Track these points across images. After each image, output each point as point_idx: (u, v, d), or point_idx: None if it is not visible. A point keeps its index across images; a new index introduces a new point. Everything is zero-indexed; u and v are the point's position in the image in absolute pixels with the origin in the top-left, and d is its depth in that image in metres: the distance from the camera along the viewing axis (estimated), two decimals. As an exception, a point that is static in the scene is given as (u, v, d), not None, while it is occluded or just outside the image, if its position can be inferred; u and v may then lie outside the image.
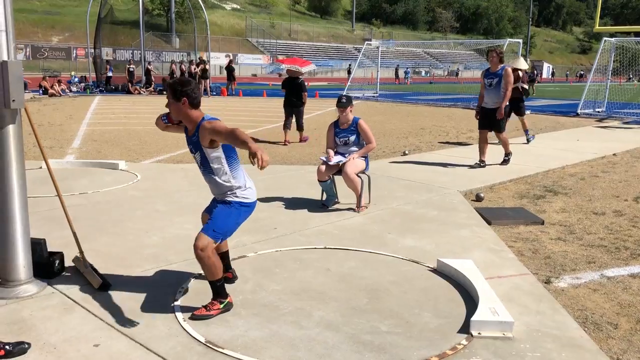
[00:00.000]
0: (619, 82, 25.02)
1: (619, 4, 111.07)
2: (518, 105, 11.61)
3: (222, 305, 3.47)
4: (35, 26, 51.90)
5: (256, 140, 12.55)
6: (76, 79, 29.08)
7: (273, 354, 3.02)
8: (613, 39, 20.57)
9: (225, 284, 3.61)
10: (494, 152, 9.42)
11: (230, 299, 3.54)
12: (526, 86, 12.17)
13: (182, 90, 3.43)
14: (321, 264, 4.42)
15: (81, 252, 4.02)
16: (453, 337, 3.26)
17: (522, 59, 12.78)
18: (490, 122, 8.66)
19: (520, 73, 11.61)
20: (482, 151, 8.85)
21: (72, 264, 4.14)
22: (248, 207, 3.63)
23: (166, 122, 3.77)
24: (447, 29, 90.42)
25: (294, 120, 11.62)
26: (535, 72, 40.58)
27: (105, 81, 27.43)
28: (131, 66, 27.28)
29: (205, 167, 3.58)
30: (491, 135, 8.91)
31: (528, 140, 11.88)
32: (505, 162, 9.02)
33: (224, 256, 3.92)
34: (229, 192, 3.58)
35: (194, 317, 3.40)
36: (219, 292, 3.49)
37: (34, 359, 2.90)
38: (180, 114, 3.51)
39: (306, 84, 12.07)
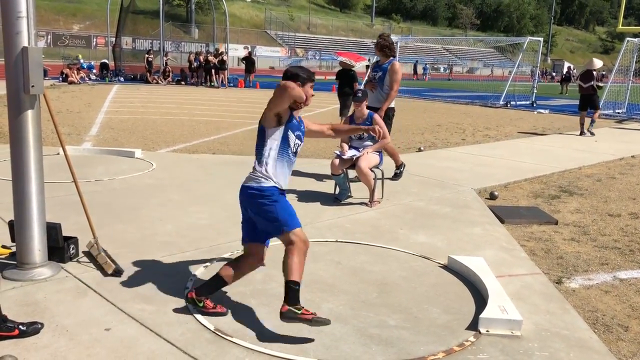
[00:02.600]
0: (641, 83, 24.66)
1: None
2: (592, 99, 13.32)
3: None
4: (57, 14, 52.39)
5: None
6: (92, 67, 29.18)
7: (281, 344, 3.04)
8: (636, 40, 20.24)
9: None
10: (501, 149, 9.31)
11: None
12: (600, 84, 13.60)
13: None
14: (332, 257, 4.44)
15: (95, 237, 4.07)
16: (461, 333, 3.26)
17: (595, 59, 13.74)
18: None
19: (595, 73, 13.20)
20: (394, 157, 7.29)
21: (87, 249, 4.19)
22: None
23: None
24: (467, 25, 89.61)
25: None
26: (570, 72, 40.25)
27: (100, 69, 27.38)
28: (150, 56, 27.44)
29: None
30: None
31: (592, 133, 13.18)
32: (396, 176, 7.25)
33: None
34: None
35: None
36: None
37: (46, 341, 2.95)
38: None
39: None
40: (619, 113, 19.34)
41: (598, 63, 13.45)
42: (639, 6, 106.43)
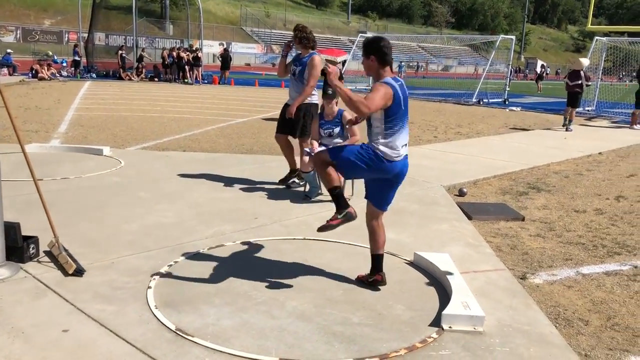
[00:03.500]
0: (611, 81, 25.15)
1: (614, 4, 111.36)
2: (576, 97, 14.09)
3: (340, 216, 3.64)
4: (27, 8, 51.29)
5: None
6: (64, 63, 28.72)
7: (242, 343, 3.01)
8: (605, 39, 20.63)
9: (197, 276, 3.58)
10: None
11: (352, 209, 3.67)
12: (589, 83, 14.56)
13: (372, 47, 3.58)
14: (299, 254, 4.42)
15: (56, 236, 3.99)
16: (424, 330, 3.28)
17: (581, 59, 14.70)
18: (290, 122, 6.43)
19: (582, 72, 14.01)
20: (290, 161, 6.67)
21: (48, 249, 4.11)
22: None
23: None
24: (442, 23, 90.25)
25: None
26: (544, 69, 40.98)
27: (73, 66, 26.92)
28: (123, 52, 27.06)
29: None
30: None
31: (566, 129, 13.92)
32: (286, 180, 6.65)
33: (378, 258, 3.85)
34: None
35: (320, 229, 3.68)
36: (337, 204, 3.67)
37: (0, 344, 2.88)
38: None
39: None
40: (588, 111, 19.68)
41: (585, 62, 14.41)
42: (609, 6, 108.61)
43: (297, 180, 6.70)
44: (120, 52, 26.95)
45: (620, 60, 22.64)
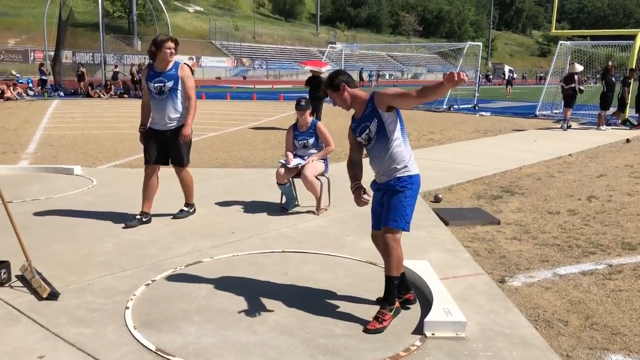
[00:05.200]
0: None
1: (575, 8, 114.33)
2: (571, 101, 15.44)
3: (392, 313, 3.42)
4: (-10, 28, 50.39)
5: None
6: (29, 82, 28.29)
7: (225, 360, 2.97)
8: (569, 43, 21.08)
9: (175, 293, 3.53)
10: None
11: (398, 304, 3.52)
12: (582, 87, 15.46)
13: (339, 79, 3.55)
14: (278, 268, 4.39)
15: (28, 260, 3.89)
16: (407, 338, 3.27)
17: (576, 64, 15.68)
18: (165, 150, 5.68)
19: (577, 76, 15.11)
20: (147, 196, 5.64)
21: (20, 273, 4.00)
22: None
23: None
24: (410, 32, 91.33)
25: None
26: (512, 75, 41.69)
27: (40, 85, 26.61)
28: (80, 69, 26.81)
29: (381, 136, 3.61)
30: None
31: (563, 128, 15.28)
32: (182, 212, 5.79)
33: (403, 277, 3.69)
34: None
35: (367, 331, 3.31)
36: (390, 294, 3.44)
37: (-27, 373, 2.79)
38: (348, 100, 3.60)
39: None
40: (556, 113, 20.05)
41: (579, 67, 15.47)
42: (571, 11, 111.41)
43: (185, 209, 5.84)
44: (77, 69, 26.76)
45: (585, 63, 23.11)
